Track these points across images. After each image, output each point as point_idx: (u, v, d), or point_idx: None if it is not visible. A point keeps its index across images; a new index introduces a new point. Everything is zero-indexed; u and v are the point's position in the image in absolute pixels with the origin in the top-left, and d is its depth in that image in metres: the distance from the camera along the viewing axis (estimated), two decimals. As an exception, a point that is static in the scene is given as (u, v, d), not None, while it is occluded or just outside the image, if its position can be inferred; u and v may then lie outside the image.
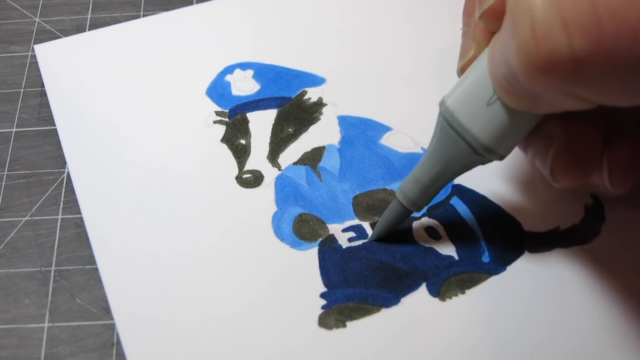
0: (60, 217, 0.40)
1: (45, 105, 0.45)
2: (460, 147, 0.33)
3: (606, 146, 0.33)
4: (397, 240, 0.38)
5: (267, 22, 0.50)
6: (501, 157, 0.33)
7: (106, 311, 0.37)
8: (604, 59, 0.25)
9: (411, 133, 0.43)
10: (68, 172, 0.42)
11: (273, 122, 0.44)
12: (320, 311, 0.36)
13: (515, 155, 0.41)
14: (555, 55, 0.25)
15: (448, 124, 0.33)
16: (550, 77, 0.26)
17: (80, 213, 0.40)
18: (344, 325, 0.35)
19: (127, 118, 0.44)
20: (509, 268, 0.37)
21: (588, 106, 0.28)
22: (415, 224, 0.39)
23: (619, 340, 0.35)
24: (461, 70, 0.35)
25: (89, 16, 0.51)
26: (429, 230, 0.39)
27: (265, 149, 0.43)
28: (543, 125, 0.33)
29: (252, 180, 0.41)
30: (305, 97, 0.45)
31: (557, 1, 0.25)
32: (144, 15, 0.51)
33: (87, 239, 0.39)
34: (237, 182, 0.41)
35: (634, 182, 0.33)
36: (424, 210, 0.39)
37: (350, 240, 0.39)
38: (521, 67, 0.27)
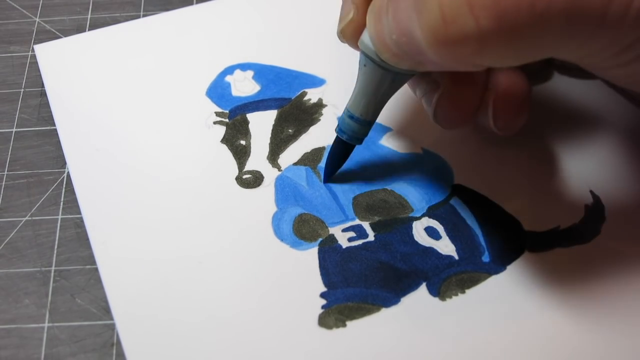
0: (60, 217, 0.40)
1: (45, 105, 0.45)
2: (377, 69, 0.36)
3: (488, 90, 0.36)
4: (397, 240, 0.38)
5: (267, 23, 0.50)
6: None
7: (106, 311, 0.37)
8: (506, 34, 0.27)
9: (411, 133, 0.43)
10: (68, 172, 0.42)
11: (273, 122, 0.44)
12: (320, 311, 0.36)
13: (517, 155, 0.41)
14: (463, 35, 0.28)
15: (365, 56, 0.36)
16: (457, 53, 0.29)
17: (80, 213, 0.40)
18: (344, 325, 0.35)
19: (127, 118, 0.44)
20: (509, 268, 0.37)
21: (479, 69, 0.32)
22: (415, 224, 0.39)
23: (620, 339, 0.35)
24: (341, 33, 0.37)
25: (89, 16, 0.51)
26: (429, 230, 0.39)
27: (265, 150, 0.43)
28: (433, 72, 0.37)
29: (252, 180, 0.41)
30: (305, 98, 0.45)
31: None
32: (144, 16, 0.51)
33: (87, 239, 0.39)
34: (237, 182, 0.41)
35: (518, 123, 0.37)
36: (424, 210, 0.39)
37: (350, 240, 0.39)
38: (428, 43, 0.29)
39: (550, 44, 0.28)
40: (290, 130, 0.43)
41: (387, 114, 0.44)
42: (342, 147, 0.40)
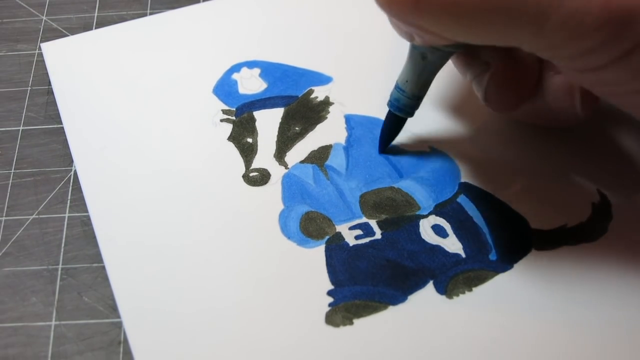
0: (67, 215, 0.40)
1: (52, 103, 0.46)
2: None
3: (545, 77, 0.36)
4: (404, 238, 0.38)
5: (274, 21, 0.50)
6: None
7: (113, 309, 0.37)
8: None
9: (418, 131, 0.43)
10: (75, 171, 0.42)
11: (280, 120, 0.44)
12: (327, 309, 0.36)
13: (524, 153, 0.41)
14: None
15: None
16: (396, 10, 0.30)
17: (87, 211, 0.40)
18: (351, 323, 0.35)
19: (134, 116, 0.44)
20: (516, 266, 0.37)
21: (446, 41, 0.32)
22: (422, 222, 0.39)
23: (627, 337, 0.34)
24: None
25: (96, 14, 0.51)
26: (436, 228, 0.39)
27: (272, 148, 0.43)
28: (480, 52, 0.37)
29: (259, 178, 0.41)
30: (312, 95, 0.45)
31: None
32: (151, 14, 0.51)
33: (94, 237, 0.39)
34: (244, 180, 0.41)
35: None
36: (431, 208, 0.39)
37: (357, 238, 0.39)
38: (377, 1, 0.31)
39: (495, 23, 0.28)
40: (297, 128, 0.43)
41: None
42: (393, 120, 0.41)
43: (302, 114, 0.44)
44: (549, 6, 0.27)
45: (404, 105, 0.40)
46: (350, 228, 0.39)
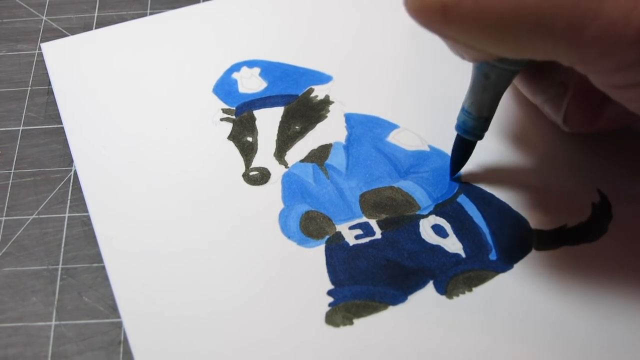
0: (67, 215, 0.40)
1: (52, 103, 0.46)
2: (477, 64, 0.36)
3: None
4: (404, 238, 0.38)
5: (274, 20, 0.50)
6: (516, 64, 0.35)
7: (113, 309, 0.37)
8: (469, 6, 0.27)
9: (418, 130, 0.43)
10: (75, 171, 0.42)
11: (280, 119, 0.44)
12: (327, 308, 0.36)
13: (524, 153, 0.41)
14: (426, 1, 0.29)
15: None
16: (425, 19, 0.29)
17: (87, 211, 0.40)
18: (351, 323, 0.35)
19: (134, 116, 0.44)
20: (516, 266, 0.37)
21: (486, 56, 0.32)
22: (422, 221, 0.39)
23: (628, 337, 0.34)
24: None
25: (96, 14, 0.51)
26: (436, 228, 0.39)
27: (272, 147, 0.43)
28: (554, 72, 0.36)
29: (259, 177, 0.41)
30: (312, 94, 0.45)
31: None
32: (151, 14, 0.51)
33: (94, 237, 0.39)
34: (244, 179, 0.41)
35: None
36: (431, 208, 0.39)
37: (357, 237, 0.39)
38: (406, 9, 0.30)
39: (526, 34, 0.28)
40: (297, 127, 0.43)
41: (394, 111, 0.44)
42: (462, 144, 0.40)
43: (302, 112, 0.44)
44: (584, 17, 0.26)
45: (471, 127, 0.38)
46: (350, 228, 0.39)
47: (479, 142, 0.39)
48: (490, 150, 0.41)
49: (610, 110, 0.36)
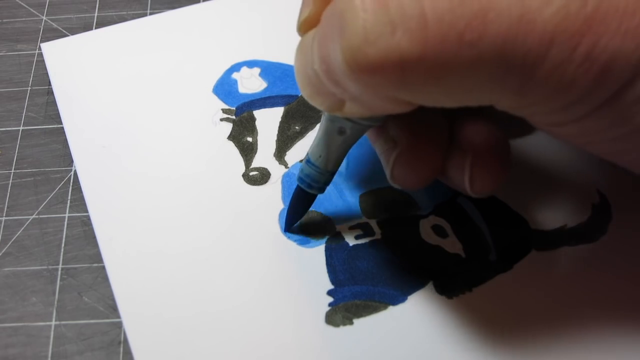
0: (67, 215, 0.40)
1: (52, 103, 0.46)
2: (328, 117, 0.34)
3: (460, 150, 0.33)
4: (404, 238, 0.38)
5: (274, 20, 0.50)
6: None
7: (113, 309, 0.37)
8: (430, 63, 0.25)
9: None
10: (75, 171, 0.42)
11: (280, 119, 0.44)
12: (327, 308, 0.36)
13: (523, 153, 0.41)
14: (383, 58, 0.25)
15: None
16: (377, 79, 0.26)
17: (87, 211, 0.40)
18: (351, 323, 0.35)
19: (134, 116, 0.44)
20: (515, 266, 0.37)
21: (404, 109, 0.29)
22: (422, 222, 0.39)
23: (626, 338, 0.34)
24: (300, 29, 0.34)
25: (96, 14, 0.51)
26: (436, 229, 0.39)
27: (272, 147, 0.43)
28: (387, 127, 0.34)
29: (258, 177, 0.41)
30: (312, 95, 0.45)
31: (386, 3, 0.25)
32: (151, 14, 0.51)
33: (94, 237, 0.39)
34: (244, 179, 0.41)
35: (498, 183, 0.33)
36: (431, 208, 0.39)
37: (357, 237, 0.39)
38: (347, 67, 0.26)
39: (482, 86, 0.26)
40: (297, 127, 0.43)
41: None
42: (303, 197, 0.38)
43: (302, 113, 0.44)
44: (534, 62, 0.25)
45: (316, 181, 0.36)
46: (350, 228, 0.39)
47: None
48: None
49: (442, 177, 0.35)
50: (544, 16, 0.24)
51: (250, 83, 0.46)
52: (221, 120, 0.44)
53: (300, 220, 0.39)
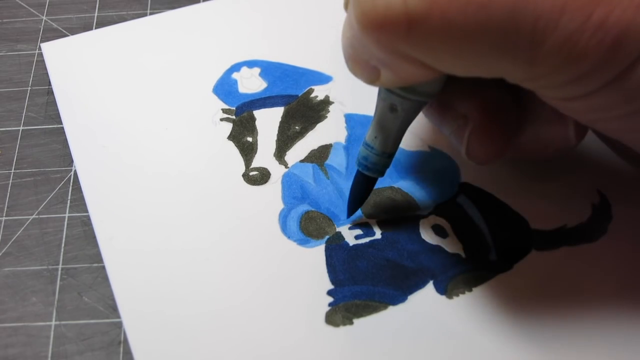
0: (67, 215, 0.40)
1: (52, 103, 0.46)
2: (385, 96, 0.34)
3: (529, 111, 0.35)
4: (404, 238, 0.38)
5: (274, 20, 0.50)
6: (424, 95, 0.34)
7: (113, 309, 0.37)
8: (437, 21, 0.26)
9: (418, 131, 0.43)
10: (75, 171, 0.42)
11: (280, 119, 0.44)
12: (327, 308, 0.36)
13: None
14: (390, 13, 0.26)
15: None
16: (385, 35, 0.27)
17: (87, 211, 0.40)
18: (351, 323, 0.35)
19: (134, 116, 0.44)
20: (515, 266, 0.37)
21: (427, 75, 0.29)
22: (422, 222, 0.39)
23: (626, 338, 0.34)
24: (345, 6, 0.34)
25: (96, 14, 0.51)
26: (436, 229, 0.39)
27: (272, 147, 0.43)
28: (457, 104, 0.35)
29: (258, 177, 0.41)
30: (312, 95, 0.45)
31: None
32: (151, 14, 0.51)
33: (94, 237, 0.39)
34: (244, 179, 0.41)
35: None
36: (431, 208, 0.39)
37: (357, 237, 0.39)
38: (360, 24, 0.28)
39: (491, 52, 0.27)
40: (297, 127, 0.43)
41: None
42: (363, 181, 0.38)
43: (302, 113, 0.44)
44: (545, 29, 0.25)
45: (373, 163, 0.36)
46: (351, 228, 0.39)
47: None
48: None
49: (518, 145, 0.36)
50: None
51: (250, 83, 0.46)
52: (221, 120, 0.44)
53: (362, 205, 0.39)
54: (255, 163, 0.42)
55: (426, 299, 0.36)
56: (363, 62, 0.31)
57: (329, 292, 0.37)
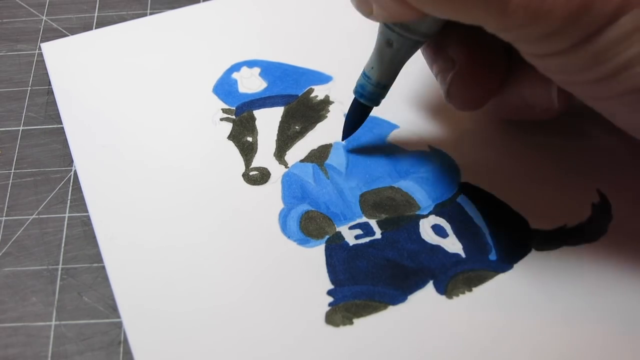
0: (67, 215, 0.40)
1: (52, 103, 0.46)
2: (384, 31, 0.37)
3: (517, 69, 0.36)
4: (404, 238, 0.38)
5: (274, 20, 0.50)
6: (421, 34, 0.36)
7: (113, 309, 0.37)
8: None
9: (418, 131, 0.43)
10: (75, 171, 0.42)
11: (280, 119, 0.44)
12: (327, 308, 0.36)
13: (524, 153, 0.41)
14: None
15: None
16: None
17: (87, 211, 0.40)
18: (351, 323, 0.35)
19: (134, 116, 0.44)
20: (515, 266, 0.37)
21: (412, 14, 0.31)
22: (422, 221, 0.39)
23: (627, 337, 0.34)
24: None
25: (96, 14, 0.51)
26: (436, 228, 0.39)
27: (272, 147, 0.43)
28: (447, 46, 0.36)
29: (258, 177, 0.41)
30: (312, 95, 0.45)
31: None
32: (151, 14, 0.51)
33: (94, 237, 0.39)
34: (244, 179, 0.41)
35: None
36: (431, 208, 0.39)
37: (357, 237, 0.39)
38: None
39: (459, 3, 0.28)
40: (297, 127, 0.43)
41: (394, 112, 0.44)
42: (358, 108, 0.40)
43: (302, 113, 0.44)
44: None
45: (369, 92, 0.39)
46: (350, 228, 0.39)
47: (481, 141, 0.39)
48: (490, 149, 0.42)
49: (499, 98, 0.37)
50: None
51: (250, 83, 0.46)
52: (221, 120, 0.44)
53: (355, 130, 0.42)
54: (255, 163, 0.42)
55: (426, 299, 0.36)
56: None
57: (329, 292, 0.37)
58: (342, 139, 0.42)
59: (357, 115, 0.41)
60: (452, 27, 0.35)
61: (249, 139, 0.43)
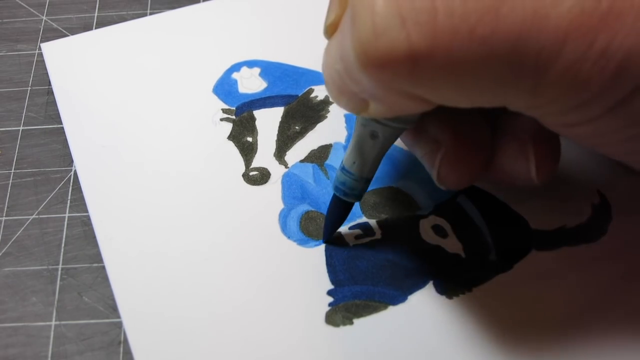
0: (67, 215, 0.40)
1: (52, 103, 0.46)
2: (363, 122, 0.34)
3: (497, 145, 0.34)
4: (404, 238, 0.38)
5: (274, 20, 0.50)
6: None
7: (113, 309, 0.37)
8: (441, 58, 0.25)
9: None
10: (75, 171, 0.42)
11: (280, 119, 0.44)
12: (327, 308, 0.36)
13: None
14: (392, 51, 0.25)
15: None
16: (387, 74, 0.26)
17: (87, 211, 0.40)
18: (351, 323, 0.35)
19: (134, 116, 0.44)
20: (515, 266, 0.37)
21: (424, 108, 0.28)
22: (422, 222, 0.39)
23: (626, 338, 0.34)
24: (326, 33, 0.34)
25: (96, 14, 0.51)
26: (436, 229, 0.39)
27: (272, 147, 0.43)
28: (428, 128, 0.34)
29: (258, 177, 0.41)
30: (312, 95, 0.45)
31: None
32: (151, 14, 0.51)
33: (94, 237, 0.39)
34: (244, 179, 0.41)
35: (557, 168, 0.34)
36: (431, 208, 0.39)
37: (357, 237, 0.39)
38: (359, 62, 0.26)
39: (495, 84, 0.26)
40: (297, 127, 0.43)
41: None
42: (340, 205, 0.37)
43: (302, 113, 0.44)
44: (548, 59, 0.25)
45: (351, 188, 0.36)
46: (351, 228, 0.39)
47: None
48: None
49: (488, 174, 0.35)
50: (558, 12, 0.24)
51: (250, 83, 0.46)
52: (221, 120, 0.44)
53: (338, 229, 0.39)
54: (255, 163, 0.42)
55: (426, 299, 0.36)
56: (351, 93, 0.30)
57: (329, 292, 0.37)
58: (324, 241, 0.39)
59: (340, 212, 0.38)
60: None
61: (249, 139, 0.43)
